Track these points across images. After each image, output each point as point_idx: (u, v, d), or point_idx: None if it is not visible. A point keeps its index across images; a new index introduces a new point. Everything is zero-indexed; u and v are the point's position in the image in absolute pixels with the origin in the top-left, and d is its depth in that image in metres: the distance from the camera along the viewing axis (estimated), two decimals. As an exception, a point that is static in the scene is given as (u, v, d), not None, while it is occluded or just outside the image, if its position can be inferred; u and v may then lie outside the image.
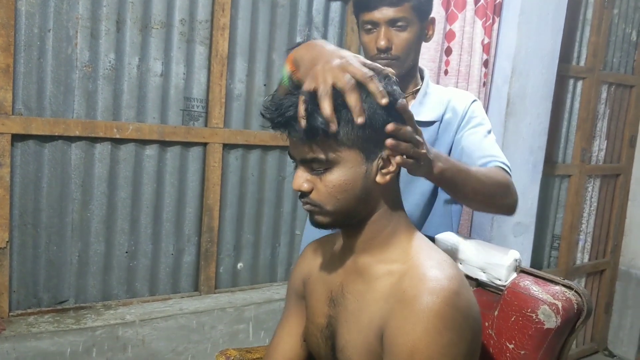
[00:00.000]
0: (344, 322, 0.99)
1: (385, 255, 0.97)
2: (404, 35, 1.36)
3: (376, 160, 0.93)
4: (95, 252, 1.99)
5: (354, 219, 0.97)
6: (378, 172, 0.94)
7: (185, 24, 2.03)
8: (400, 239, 0.98)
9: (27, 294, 1.90)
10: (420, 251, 0.95)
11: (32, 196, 1.86)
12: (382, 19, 1.35)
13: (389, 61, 1.35)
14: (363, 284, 0.97)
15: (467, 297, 0.88)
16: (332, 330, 1.02)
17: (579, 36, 3.11)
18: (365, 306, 0.94)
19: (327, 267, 1.09)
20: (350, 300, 0.98)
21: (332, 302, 1.03)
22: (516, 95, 2.47)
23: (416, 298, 0.85)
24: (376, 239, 0.98)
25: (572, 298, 1.06)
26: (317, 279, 1.10)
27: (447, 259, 0.95)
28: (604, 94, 3.29)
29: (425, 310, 0.83)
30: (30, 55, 1.79)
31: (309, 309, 1.10)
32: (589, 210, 3.38)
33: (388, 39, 1.35)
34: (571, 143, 3.20)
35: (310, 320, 1.09)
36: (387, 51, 1.36)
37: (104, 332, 1.88)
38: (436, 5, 2.23)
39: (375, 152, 0.93)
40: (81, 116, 1.89)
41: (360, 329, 0.94)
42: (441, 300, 0.83)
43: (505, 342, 1.09)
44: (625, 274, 3.55)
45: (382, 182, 0.94)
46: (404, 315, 0.85)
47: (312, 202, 0.94)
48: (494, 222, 2.54)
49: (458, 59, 2.34)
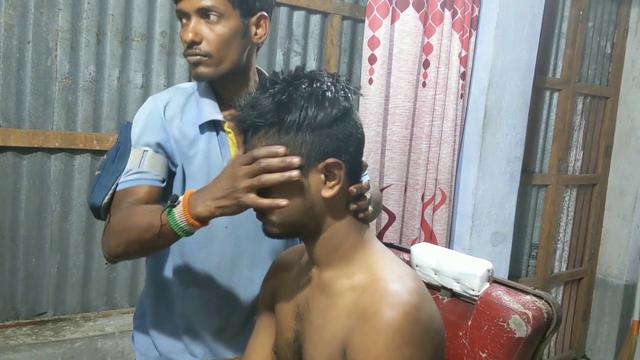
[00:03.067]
0: (309, 338, 0.99)
1: (347, 270, 0.97)
2: (216, 28, 1.19)
3: (314, 174, 0.93)
4: (75, 264, 1.98)
5: (302, 231, 0.98)
6: (322, 186, 0.94)
7: (166, 36, 2.04)
8: (362, 253, 0.98)
9: (4, 306, 1.88)
10: (382, 265, 0.95)
11: (10, 208, 1.85)
12: (191, 8, 1.19)
13: (199, 57, 1.20)
14: (326, 299, 0.97)
15: (428, 310, 0.89)
16: (298, 345, 1.02)
17: (554, 49, 3.18)
18: (328, 322, 0.94)
19: (294, 280, 1.09)
20: (314, 315, 0.99)
21: (298, 317, 1.03)
22: (493, 106, 2.52)
23: (377, 313, 0.85)
24: (336, 253, 0.98)
25: (543, 307, 1.08)
26: (285, 292, 1.10)
27: (408, 272, 0.95)
28: (579, 105, 3.36)
29: (385, 325, 0.83)
30: (9, 67, 1.79)
31: (278, 322, 1.10)
32: (566, 219, 3.44)
33: (196, 32, 1.19)
34: (548, 153, 3.26)
35: (279, 334, 1.09)
36: (195, 45, 1.19)
37: (83, 344, 1.87)
38: (414, 19, 2.27)
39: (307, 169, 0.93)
40: (61, 128, 1.89)
41: (324, 344, 0.94)
42: (401, 316, 0.84)
43: (478, 351, 1.12)
44: (602, 282, 3.61)
45: (329, 195, 0.94)
46: (365, 331, 0.85)
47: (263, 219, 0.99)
48: (472, 231, 2.57)
49: (436, 71, 2.38)
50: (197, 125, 1.25)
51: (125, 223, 1.12)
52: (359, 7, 2.41)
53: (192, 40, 1.18)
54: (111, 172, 1.24)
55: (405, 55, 2.29)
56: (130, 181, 1.20)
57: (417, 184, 2.42)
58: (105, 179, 1.24)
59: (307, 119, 0.91)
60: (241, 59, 1.25)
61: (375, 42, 2.22)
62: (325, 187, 0.94)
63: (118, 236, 1.12)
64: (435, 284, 1.24)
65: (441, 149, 2.43)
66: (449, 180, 2.47)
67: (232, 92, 1.25)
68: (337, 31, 2.37)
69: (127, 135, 1.27)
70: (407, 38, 2.28)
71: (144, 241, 1.08)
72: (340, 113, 0.93)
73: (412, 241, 2.44)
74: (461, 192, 2.60)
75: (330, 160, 0.93)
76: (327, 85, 0.94)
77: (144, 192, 1.20)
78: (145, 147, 1.23)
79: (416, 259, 1.27)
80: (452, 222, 2.61)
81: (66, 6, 1.85)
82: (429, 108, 2.38)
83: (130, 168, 1.22)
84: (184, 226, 1.01)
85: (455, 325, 1.17)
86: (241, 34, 1.22)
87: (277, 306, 1.12)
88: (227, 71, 1.23)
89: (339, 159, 0.93)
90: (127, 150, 1.25)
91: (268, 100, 0.93)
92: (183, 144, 1.25)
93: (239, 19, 1.21)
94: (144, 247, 1.10)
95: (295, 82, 0.94)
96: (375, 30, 2.22)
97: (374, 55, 2.23)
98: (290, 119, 0.91)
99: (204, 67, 1.21)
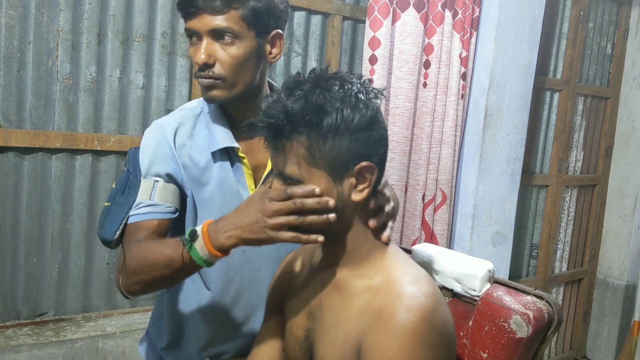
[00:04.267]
0: (321, 336, 0.99)
1: (363, 270, 0.97)
2: (231, 50, 1.12)
3: (347, 179, 0.93)
4: (75, 264, 1.98)
5: (329, 233, 0.97)
6: (353, 190, 0.94)
7: (167, 36, 2.04)
8: (378, 255, 0.99)
9: (5, 307, 1.89)
10: (398, 267, 0.96)
11: (11, 208, 1.85)
12: (203, 29, 1.11)
13: (212, 81, 1.14)
14: (340, 299, 0.98)
15: (443, 314, 0.89)
16: (310, 343, 1.02)
17: (555, 49, 3.18)
18: (341, 321, 0.95)
19: (306, 280, 1.09)
20: (327, 314, 0.99)
21: (310, 315, 1.03)
22: (493, 107, 2.52)
23: (392, 315, 0.85)
24: (354, 254, 0.99)
25: (543, 308, 1.08)
26: (296, 291, 1.10)
27: (424, 275, 0.95)
28: (580, 105, 3.36)
29: (402, 327, 0.84)
30: (10, 68, 1.79)
31: (289, 321, 1.10)
32: (567, 219, 3.44)
33: (209, 53, 1.12)
34: (548, 154, 3.26)
35: (289, 332, 1.10)
36: (208, 68, 1.13)
37: (84, 344, 1.87)
38: (414, 19, 2.27)
39: (343, 173, 0.93)
40: (62, 128, 1.90)
41: (336, 344, 0.95)
42: (417, 318, 0.84)
43: (479, 351, 1.12)
44: (602, 282, 3.61)
45: (359, 199, 0.94)
46: (380, 332, 0.85)
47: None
48: (473, 232, 2.57)
49: (436, 72, 2.38)
50: (208, 151, 1.21)
51: (142, 261, 1.09)
52: (359, 8, 2.41)
53: (205, 62, 1.12)
54: (121, 204, 1.20)
55: (406, 56, 2.29)
56: (141, 215, 1.17)
57: (418, 184, 2.42)
58: (115, 211, 1.20)
59: (343, 121, 0.90)
60: (255, 79, 1.19)
61: (376, 42, 2.22)
62: (356, 190, 0.94)
63: (135, 276, 1.10)
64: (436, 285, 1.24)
65: (442, 150, 2.43)
66: (450, 180, 2.47)
67: (244, 112, 1.20)
68: (338, 32, 2.37)
69: (136, 163, 1.22)
70: (408, 38, 2.28)
71: (164, 277, 1.08)
72: (373, 115, 0.93)
73: (413, 241, 2.44)
74: (462, 193, 2.60)
75: (365, 164, 0.93)
76: (357, 86, 0.93)
77: (155, 226, 1.17)
78: (156, 177, 1.19)
79: (417, 259, 1.27)
80: (452, 223, 2.61)
81: (67, 7, 1.85)
82: (430, 108, 2.38)
83: (141, 201, 1.18)
84: (207, 258, 1.00)
85: (456, 325, 1.16)
86: (256, 55, 1.16)
87: (287, 305, 1.12)
88: (240, 93, 1.17)
89: (371, 162, 0.93)
90: (137, 182, 1.21)
91: (300, 102, 0.90)
92: (194, 171, 1.21)
93: (254, 39, 1.15)
94: (164, 282, 1.12)
95: (323, 83, 0.92)
96: (376, 31, 2.22)
97: (374, 56, 2.23)
98: (328, 121, 0.89)
99: (217, 91, 1.16)
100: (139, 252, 1.11)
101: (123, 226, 1.18)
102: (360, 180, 0.94)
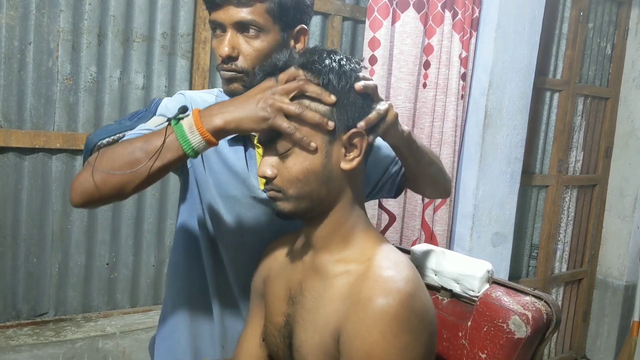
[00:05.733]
0: (300, 321, 0.97)
1: (343, 253, 0.96)
2: (255, 43, 1.10)
3: (337, 145, 0.93)
4: (76, 263, 1.99)
5: (317, 207, 0.96)
6: (342, 158, 0.93)
7: (167, 37, 2.05)
8: (359, 237, 0.97)
9: (6, 307, 1.89)
10: (378, 251, 0.94)
11: (12, 208, 1.86)
12: (228, 21, 1.09)
13: (234, 74, 1.12)
14: (320, 281, 0.96)
15: (423, 299, 0.88)
16: (289, 329, 1.00)
17: (555, 50, 3.18)
18: (321, 305, 0.93)
19: (286, 264, 1.07)
20: (308, 298, 0.97)
21: (290, 300, 1.01)
22: (493, 107, 2.52)
23: (372, 300, 0.84)
24: (337, 233, 0.97)
25: (542, 308, 1.09)
26: (276, 276, 1.08)
27: (404, 260, 0.94)
28: (580, 106, 3.36)
29: (381, 313, 0.83)
30: (10, 68, 1.80)
31: (268, 307, 1.08)
32: (567, 220, 3.44)
33: (233, 46, 1.10)
34: (548, 154, 3.27)
35: (268, 320, 1.07)
36: (231, 61, 1.11)
37: (84, 344, 1.88)
38: (414, 20, 2.28)
39: (334, 135, 0.92)
40: (62, 128, 1.90)
41: (316, 328, 0.93)
42: (397, 303, 0.83)
43: (478, 351, 1.12)
44: (602, 282, 3.61)
45: (349, 167, 0.93)
46: (360, 318, 0.84)
47: (275, 187, 0.94)
48: (473, 232, 2.58)
49: (436, 72, 2.38)
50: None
51: (118, 146, 0.99)
52: (359, 8, 2.42)
53: (229, 55, 1.10)
54: (124, 125, 1.15)
55: (406, 56, 2.29)
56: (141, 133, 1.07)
57: (418, 184, 2.42)
58: (114, 127, 1.15)
59: (340, 84, 0.91)
60: None
61: (376, 43, 2.22)
62: (345, 159, 0.93)
63: (103, 161, 0.97)
64: (435, 285, 1.25)
65: (442, 150, 2.43)
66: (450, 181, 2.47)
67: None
68: (338, 32, 2.38)
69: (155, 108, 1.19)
70: (408, 39, 2.28)
71: (134, 161, 0.94)
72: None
73: (413, 242, 2.45)
74: (462, 193, 2.60)
75: (355, 130, 0.92)
76: (342, 55, 0.95)
77: None
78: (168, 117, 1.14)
79: (416, 259, 1.28)
80: (452, 223, 2.61)
81: (67, 7, 1.86)
82: (430, 109, 2.39)
83: (146, 127, 1.11)
84: (192, 141, 0.93)
85: (454, 325, 1.17)
86: (279, 49, 1.12)
87: (267, 292, 1.10)
88: None
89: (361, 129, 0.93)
90: (149, 115, 1.16)
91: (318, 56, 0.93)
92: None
93: (278, 33, 1.13)
94: (132, 167, 0.95)
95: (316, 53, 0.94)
96: (376, 31, 2.22)
97: (374, 56, 2.23)
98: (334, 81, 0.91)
99: (238, 84, 1.13)
100: (119, 144, 1.01)
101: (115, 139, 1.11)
102: (349, 149, 0.93)
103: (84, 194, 0.98)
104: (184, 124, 0.94)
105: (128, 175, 0.95)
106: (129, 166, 0.95)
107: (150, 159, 0.94)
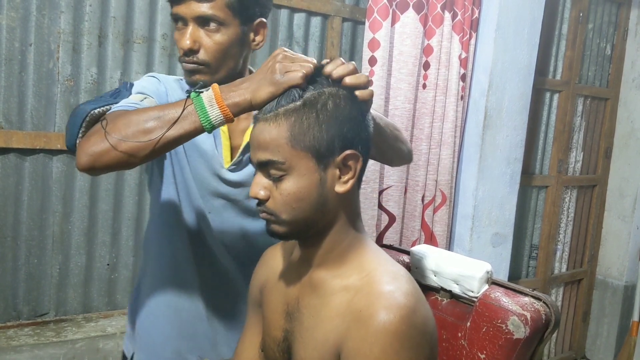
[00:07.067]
0: (299, 338, 0.97)
1: (341, 270, 0.95)
2: (216, 37, 1.15)
3: (331, 169, 0.91)
4: (76, 264, 1.99)
5: (311, 229, 0.94)
6: (337, 181, 0.92)
7: (167, 38, 2.05)
8: (356, 253, 0.96)
9: (6, 307, 1.90)
10: (377, 266, 0.93)
11: (13, 209, 1.86)
12: (190, 15, 1.14)
13: (195, 66, 1.16)
14: (318, 299, 0.95)
15: (424, 312, 0.88)
16: (288, 344, 1.00)
17: (554, 50, 3.18)
18: (320, 323, 0.93)
19: (283, 277, 1.06)
20: (305, 315, 0.96)
21: (288, 316, 1.01)
22: (493, 108, 2.53)
23: (372, 317, 0.83)
24: (333, 252, 0.96)
25: (541, 309, 1.09)
26: (273, 288, 1.07)
27: (403, 273, 0.93)
28: (579, 106, 3.37)
29: (382, 329, 0.82)
30: (11, 69, 1.80)
31: (266, 320, 1.08)
32: (566, 220, 3.44)
33: (194, 40, 1.14)
34: (548, 155, 3.27)
35: (266, 333, 1.07)
36: (193, 54, 1.16)
37: (85, 345, 1.88)
38: (414, 21, 2.28)
39: (328, 159, 0.90)
40: (63, 129, 1.90)
41: (315, 345, 0.92)
42: (398, 319, 0.83)
43: (477, 352, 1.12)
44: (602, 283, 3.61)
45: (343, 190, 0.92)
46: (361, 335, 0.84)
47: (268, 210, 0.93)
48: (472, 233, 2.58)
49: (436, 73, 2.39)
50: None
51: (135, 113, 1.02)
52: (359, 9, 2.42)
53: (190, 48, 1.15)
54: (107, 100, 1.16)
55: (406, 57, 2.29)
56: (129, 106, 1.10)
57: (418, 185, 2.43)
58: (99, 100, 1.16)
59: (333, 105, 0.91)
60: (237, 66, 1.22)
61: (376, 44, 2.23)
62: (340, 182, 0.92)
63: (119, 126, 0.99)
64: (435, 286, 1.25)
65: (441, 151, 2.44)
66: (449, 181, 2.48)
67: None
68: (338, 33, 2.38)
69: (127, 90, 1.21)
70: (407, 40, 2.28)
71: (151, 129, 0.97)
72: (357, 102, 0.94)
73: (412, 242, 2.45)
74: (461, 194, 2.61)
75: (349, 152, 0.91)
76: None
77: None
78: (146, 95, 1.18)
79: (415, 260, 1.28)
80: (452, 224, 2.61)
81: (68, 8, 1.86)
82: (429, 110, 2.39)
83: (131, 102, 1.13)
84: (210, 114, 0.96)
85: (454, 326, 1.18)
86: (240, 42, 1.19)
87: (264, 303, 1.09)
88: (222, 79, 1.18)
89: (356, 150, 0.92)
90: (127, 93, 1.19)
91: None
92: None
93: (238, 27, 1.18)
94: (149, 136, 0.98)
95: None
96: (376, 32, 2.22)
97: (374, 57, 2.24)
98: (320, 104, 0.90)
99: (200, 76, 1.17)
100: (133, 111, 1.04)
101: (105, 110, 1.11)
102: (344, 170, 0.92)
103: (94, 155, 0.99)
104: (203, 97, 0.97)
105: (143, 143, 0.98)
106: (144, 134, 0.98)
107: (166, 128, 0.97)
